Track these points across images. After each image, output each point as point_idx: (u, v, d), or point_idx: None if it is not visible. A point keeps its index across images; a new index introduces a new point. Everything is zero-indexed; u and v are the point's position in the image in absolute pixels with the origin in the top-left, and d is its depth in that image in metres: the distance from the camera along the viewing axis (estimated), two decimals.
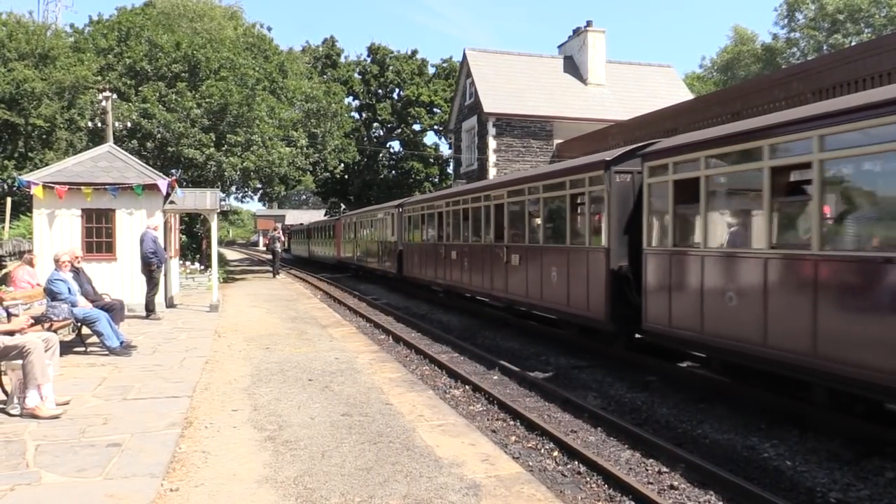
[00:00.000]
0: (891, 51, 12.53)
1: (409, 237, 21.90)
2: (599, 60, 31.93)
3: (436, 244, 18.71)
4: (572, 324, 11.51)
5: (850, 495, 5.59)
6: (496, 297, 14.55)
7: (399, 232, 23.08)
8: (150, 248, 13.31)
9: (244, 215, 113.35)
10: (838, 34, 43.74)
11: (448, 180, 44.02)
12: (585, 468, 6.28)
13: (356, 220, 31.20)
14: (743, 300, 7.37)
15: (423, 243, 20.38)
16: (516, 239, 13.36)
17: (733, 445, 6.84)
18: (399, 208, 23.28)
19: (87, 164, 14.45)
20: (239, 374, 8.80)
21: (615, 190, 9.89)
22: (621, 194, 9.92)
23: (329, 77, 46.08)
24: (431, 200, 20.03)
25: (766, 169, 7.14)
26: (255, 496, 4.71)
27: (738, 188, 8.28)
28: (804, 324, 6.51)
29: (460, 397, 9.08)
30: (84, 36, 29.20)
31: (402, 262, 22.31)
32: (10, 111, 23.71)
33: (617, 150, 10.48)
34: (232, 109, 25.05)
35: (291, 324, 13.81)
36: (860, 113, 6.06)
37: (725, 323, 7.64)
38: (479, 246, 15.34)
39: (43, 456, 5.22)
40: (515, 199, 13.49)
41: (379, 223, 26.47)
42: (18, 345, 6.26)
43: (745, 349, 7.34)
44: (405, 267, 21.98)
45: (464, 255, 16.23)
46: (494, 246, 14.29)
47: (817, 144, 6.45)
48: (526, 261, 12.71)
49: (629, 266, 9.72)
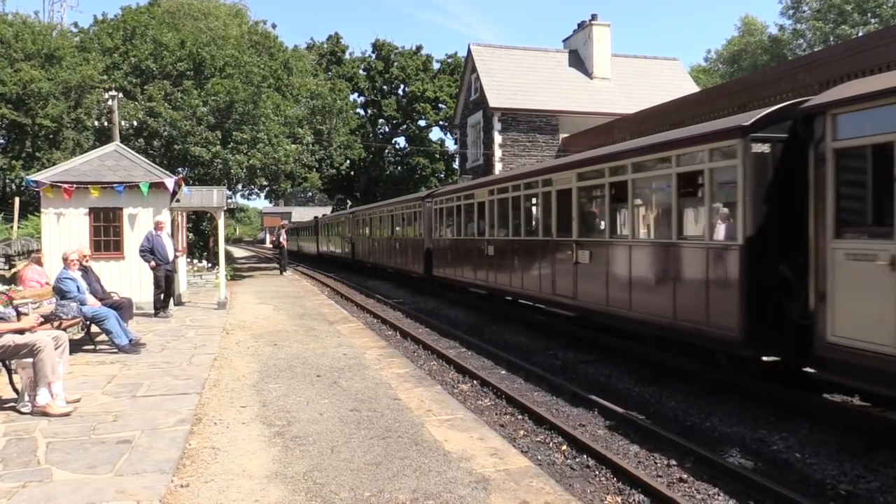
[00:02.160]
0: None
1: (440, 233, 19.29)
2: (605, 54, 31.85)
3: (475, 240, 15.92)
4: (672, 341, 8.99)
5: (860, 487, 5.57)
6: (560, 304, 11.75)
7: (427, 227, 20.24)
8: (143, 247, 13.30)
9: (251, 213, 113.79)
10: (845, 25, 43.42)
11: (454, 176, 43.97)
12: (594, 462, 6.28)
13: (373, 215, 28.54)
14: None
15: (458, 239, 17.55)
16: (590, 233, 10.83)
17: (742, 438, 6.82)
18: (427, 200, 20.54)
19: (94, 164, 14.51)
20: (247, 370, 8.83)
21: (754, 164, 7.25)
22: (761, 170, 7.27)
23: (334, 74, 46.08)
24: (470, 189, 17.03)
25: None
26: (265, 491, 4.72)
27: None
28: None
29: (468, 392, 9.09)
30: (89, 35, 29.27)
31: (430, 261, 19.66)
32: (17, 111, 23.81)
33: (754, 113, 7.58)
34: (238, 107, 25.09)
35: (299, 320, 13.84)
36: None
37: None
38: (535, 242, 12.71)
39: (54, 453, 5.25)
40: (590, 184, 10.77)
41: (401, 218, 23.73)
42: (28, 343, 6.30)
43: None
44: (434, 267, 19.40)
45: (514, 253, 13.65)
46: (559, 241, 11.59)
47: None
48: (606, 259, 10.02)
49: (782, 265, 7.16)
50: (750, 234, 7.22)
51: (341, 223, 36.61)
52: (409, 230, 22.80)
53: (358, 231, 31.44)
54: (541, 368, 10.07)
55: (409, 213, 22.83)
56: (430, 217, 20.21)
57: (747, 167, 7.27)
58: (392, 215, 25.23)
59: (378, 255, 27.42)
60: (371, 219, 28.91)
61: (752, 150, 7.27)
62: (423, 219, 20.78)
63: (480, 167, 30.35)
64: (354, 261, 32.13)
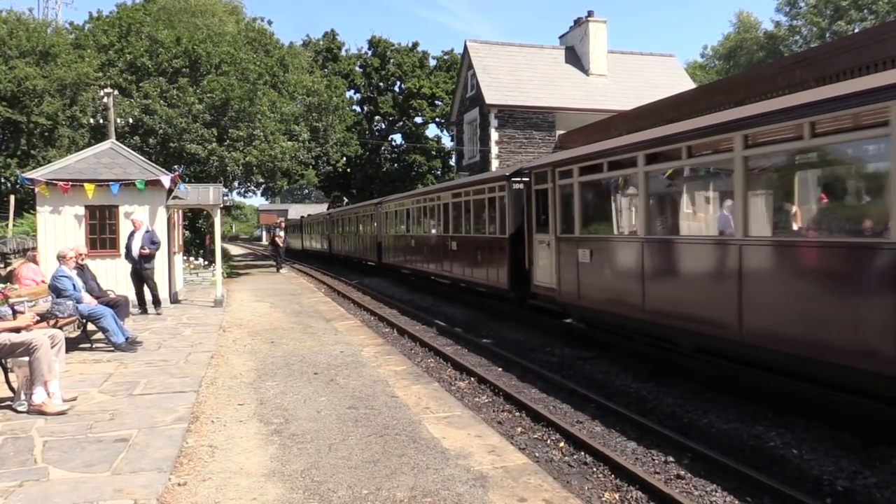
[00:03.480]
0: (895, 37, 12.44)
1: (387, 231, 23.54)
2: (601, 51, 31.82)
3: (405, 236, 20.38)
4: (476, 291, 14.82)
5: (857, 483, 5.58)
6: (444, 276, 16.99)
7: (379, 226, 24.39)
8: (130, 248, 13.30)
9: (247, 210, 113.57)
10: (841, 21, 43.45)
11: (451, 173, 43.96)
12: (592, 458, 6.29)
13: (343, 216, 32.61)
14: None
15: (397, 236, 21.79)
16: (457, 231, 15.33)
17: (739, 434, 6.83)
18: (378, 206, 24.93)
19: (89, 161, 14.46)
20: (244, 368, 8.82)
21: (513, 194, 12.81)
22: (516, 197, 12.56)
23: (330, 71, 46.02)
24: (402, 199, 22.80)
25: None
26: (263, 489, 4.72)
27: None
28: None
29: (466, 389, 9.09)
30: (84, 33, 29.19)
31: (381, 252, 23.64)
32: (12, 109, 23.75)
33: (512, 167, 9.93)
34: (234, 104, 25.06)
35: (296, 318, 13.83)
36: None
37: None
38: (432, 237, 16.19)
39: (51, 452, 5.24)
40: (432, 204, 15.80)
41: (363, 218, 28.51)
42: (25, 341, 6.28)
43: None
44: (384, 256, 22.84)
45: (422, 244, 17.07)
46: (444, 237, 15.33)
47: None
48: (453, 248, 15.03)
49: (521, 247, 11.57)
50: (511, 232, 13.52)
51: (321, 223, 41.94)
52: (368, 229, 28.00)
53: (334, 230, 36.75)
54: (538, 365, 10.07)
55: (367, 216, 28.42)
56: (381, 219, 25.39)
57: (508, 195, 13.62)
58: (357, 216, 30.79)
59: (347, 249, 33.16)
60: (343, 219, 34.27)
61: (513, 187, 13.56)
62: (376, 220, 26.04)
63: (477, 164, 30.33)
64: (331, 254, 37.35)
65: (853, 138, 6.17)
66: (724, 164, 7.72)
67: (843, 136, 6.20)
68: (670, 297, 8.40)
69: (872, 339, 5.66)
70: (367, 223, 28.32)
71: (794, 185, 7.30)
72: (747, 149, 7.06)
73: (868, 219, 6.32)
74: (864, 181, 6.67)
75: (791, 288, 6.54)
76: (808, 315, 6.30)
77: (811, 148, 6.66)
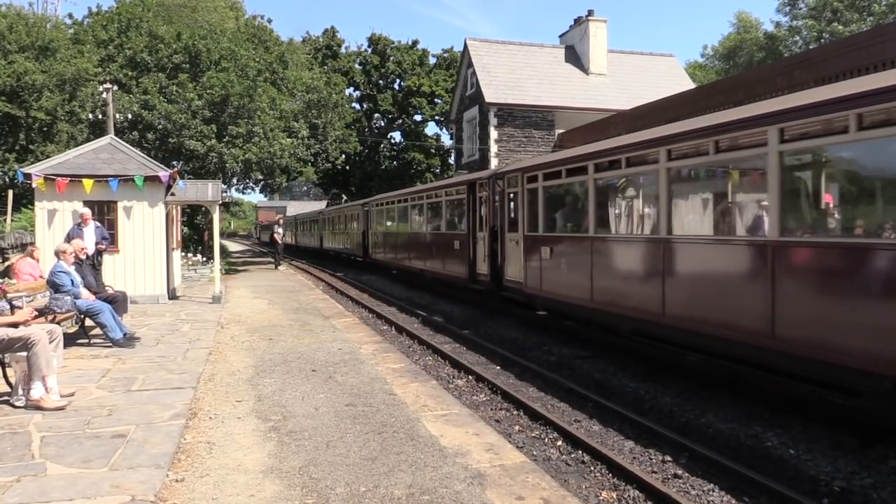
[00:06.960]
0: (894, 39, 12.46)
1: (372, 228, 25.23)
2: (601, 50, 31.83)
3: (388, 233, 22.46)
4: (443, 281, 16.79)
5: (854, 483, 5.59)
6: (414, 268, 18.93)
7: (365, 224, 26.25)
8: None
9: (246, 207, 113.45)
10: (837, 23, 43.43)
11: (450, 171, 43.94)
12: (589, 457, 6.29)
13: (333, 215, 34.68)
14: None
15: (382, 233, 22.86)
16: (435, 228, 15.84)
17: (737, 434, 6.84)
18: (364, 206, 26.99)
19: (88, 157, 14.44)
20: (242, 365, 8.82)
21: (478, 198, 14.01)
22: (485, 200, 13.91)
23: (330, 68, 45.96)
24: (381, 200, 26.41)
25: None
26: (261, 486, 4.72)
27: None
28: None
29: (464, 387, 9.10)
30: (84, 28, 29.12)
31: (367, 248, 24.98)
32: (11, 104, 23.67)
33: (480, 173, 11.22)
34: (233, 101, 25.01)
35: (294, 315, 13.82)
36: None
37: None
38: (410, 233, 17.64)
39: (48, 447, 5.24)
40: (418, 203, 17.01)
41: (351, 217, 30.33)
42: (23, 336, 6.27)
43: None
44: (370, 252, 24.73)
45: (399, 240, 18.91)
46: (418, 233, 16.21)
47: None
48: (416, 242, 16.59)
49: (495, 244, 14.63)
50: (471, 230, 15.29)
51: (313, 221, 44.32)
52: (355, 226, 29.96)
53: (325, 227, 38.66)
54: (536, 364, 10.07)
55: (354, 214, 30.44)
56: (367, 217, 27.35)
57: (468, 199, 15.27)
58: (345, 215, 32.88)
59: (337, 245, 35.25)
60: (333, 218, 36.07)
61: (476, 192, 15.09)
62: (362, 219, 28.25)
63: (476, 162, 30.32)
64: (322, 250, 39.47)
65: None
66: (652, 174, 8.81)
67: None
68: (613, 288, 9.59)
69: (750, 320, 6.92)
70: (354, 222, 30.56)
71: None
72: (671, 161, 8.32)
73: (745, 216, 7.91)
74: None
75: (699, 279, 7.92)
76: (717, 301, 7.51)
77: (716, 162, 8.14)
